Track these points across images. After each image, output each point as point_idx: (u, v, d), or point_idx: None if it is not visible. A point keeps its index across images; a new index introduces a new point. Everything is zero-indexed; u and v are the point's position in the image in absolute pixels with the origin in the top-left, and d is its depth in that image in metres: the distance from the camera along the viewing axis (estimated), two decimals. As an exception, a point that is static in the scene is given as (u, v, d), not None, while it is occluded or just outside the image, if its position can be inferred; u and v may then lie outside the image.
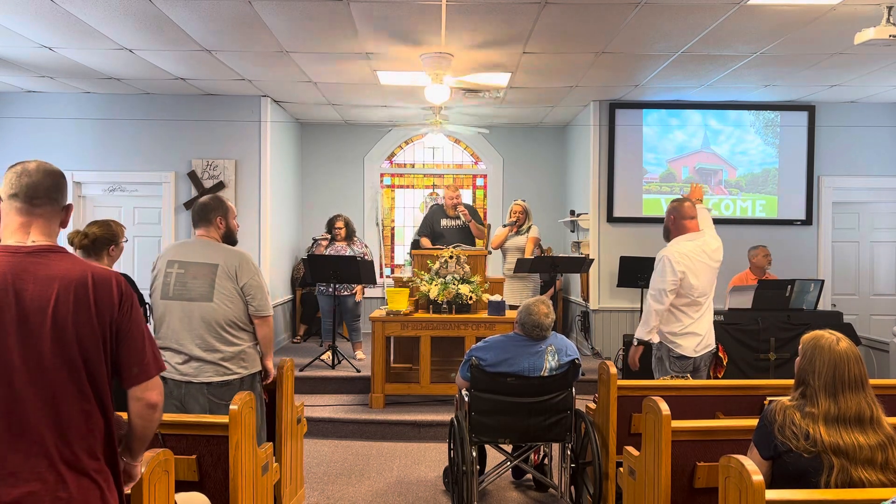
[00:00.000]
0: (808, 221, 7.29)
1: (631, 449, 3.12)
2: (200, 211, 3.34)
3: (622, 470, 3.23)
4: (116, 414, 1.83)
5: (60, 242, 1.84)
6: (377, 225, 8.88)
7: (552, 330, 3.71)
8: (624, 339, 6.38)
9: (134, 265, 7.15)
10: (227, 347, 3.20)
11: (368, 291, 8.09)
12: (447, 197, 6.68)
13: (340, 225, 6.86)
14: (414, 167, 9.13)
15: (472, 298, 5.58)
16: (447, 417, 5.17)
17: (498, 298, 5.63)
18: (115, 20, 4.61)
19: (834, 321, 5.46)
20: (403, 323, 5.52)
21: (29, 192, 1.75)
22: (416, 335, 5.55)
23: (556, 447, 4.19)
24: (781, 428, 2.21)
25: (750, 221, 7.26)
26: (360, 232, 8.53)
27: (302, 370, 6.10)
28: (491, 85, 6.38)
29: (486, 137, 8.72)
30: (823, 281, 6.27)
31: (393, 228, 9.19)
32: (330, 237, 6.86)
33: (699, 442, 2.81)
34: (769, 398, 2.53)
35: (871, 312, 7.48)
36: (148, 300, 3.39)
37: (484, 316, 5.54)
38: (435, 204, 7.94)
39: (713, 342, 4.15)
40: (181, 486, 2.64)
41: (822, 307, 6.41)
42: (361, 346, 6.84)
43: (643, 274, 6.28)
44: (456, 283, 5.58)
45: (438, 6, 4.30)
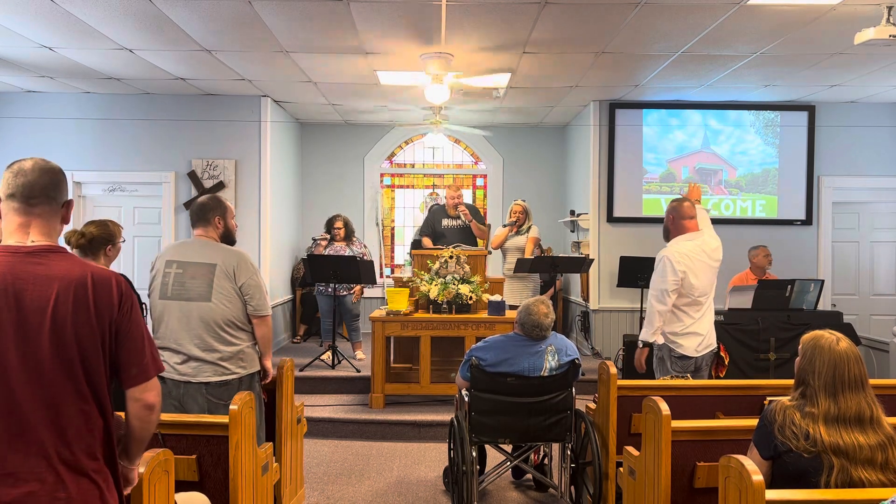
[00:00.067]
0: (808, 221, 7.29)
1: (631, 449, 3.12)
2: (199, 211, 3.34)
3: (622, 470, 3.23)
4: (116, 414, 1.82)
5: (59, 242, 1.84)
6: (377, 225, 8.88)
7: (552, 330, 3.71)
8: (624, 339, 6.37)
9: (134, 265, 7.15)
10: (225, 347, 3.20)
11: (368, 291, 8.08)
12: (448, 197, 6.67)
13: (339, 225, 6.86)
14: (414, 167, 9.13)
15: (472, 298, 5.58)
16: (447, 417, 5.17)
17: (498, 298, 5.63)
18: (115, 20, 4.61)
19: (834, 321, 5.46)
20: (403, 323, 5.52)
21: (25, 191, 1.75)
22: (416, 335, 5.55)
23: (556, 447, 4.19)
24: (781, 428, 2.21)
25: (750, 221, 7.26)
26: (360, 232, 8.53)
27: (302, 370, 6.10)
28: (491, 85, 6.38)
29: (486, 137, 8.72)
30: (823, 281, 6.27)
31: (393, 228, 9.19)
32: (329, 237, 6.86)
33: (699, 442, 2.81)
34: (769, 398, 2.53)
35: (871, 312, 7.48)
36: (145, 300, 3.39)
37: (484, 316, 5.54)
38: (435, 204, 7.94)
39: (714, 342, 4.15)
40: (181, 486, 2.64)
41: (822, 307, 6.41)
42: (361, 345, 6.84)
43: (643, 274, 6.28)
44: (456, 283, 5.58)
45: (438, 6, 4.30)
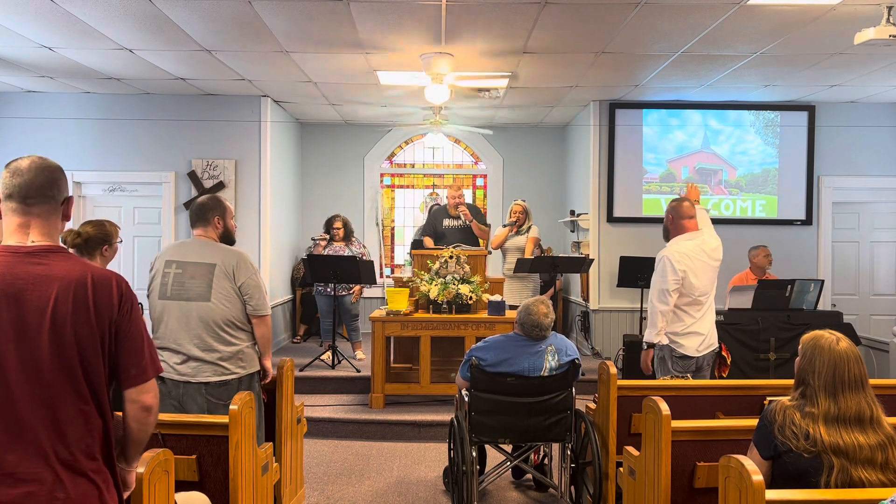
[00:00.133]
0: (808, 221, 7.29)
1: (631, 449, 3.12)
2: (198, 211, 3.34)
3: (622, 470, 3.23)
4: (115, 415, 1.82)
5: None
6: (377, 225, 8.88)
7: (552, 330, 3.71)
8: (624, 339, 6.37)
9: (134, 265, 7.15)
10: (225, 347, 3.20)
11: (368, 291, 8.08)
12: (449, 196, 6.66)
13: (339, 225, 6.86)
14: (414, 167, 9.13)
15: (472, 298, 5.58)
16: (447, 417, 5.17)
17: (498, 298, 5.63)
18: (115, 20, 4.61)
19: (834, 321, 5.46)
20: (403, 323, 5.52)
21: (22, 192, 1.74)
22: (416, 335, 5.55)
23: (556, 447, 4.19)
24: (781, 428, 2.21)
25: (750, 221, 7.26)
26: (360, 232, 8.54)
27: (302, 370, 6.10)
28: (491, 85, 6.38)
29: (486, 137, 8.72)
30: (823, 281, 6.27)
31: (393, 228, 9.19)
32: (328, 237, 6.86)
33: (699, 442, 2.81)
34: (769, 398, 2.53)
35: (871, 312, 7.48)
36: (142, 300, 3.38)
37: (484, 316, 5.54)
38: (436, 204, 7.94)
39: (716, 342, 4.14)
40: (181, 486, 2.64)
41: (822, 307, 6.41)
42: (361, 345, 6.84)
43: (643, 274, 6.28)
44: (456, 283, 5.58)
45: (438, 6, 4.30)
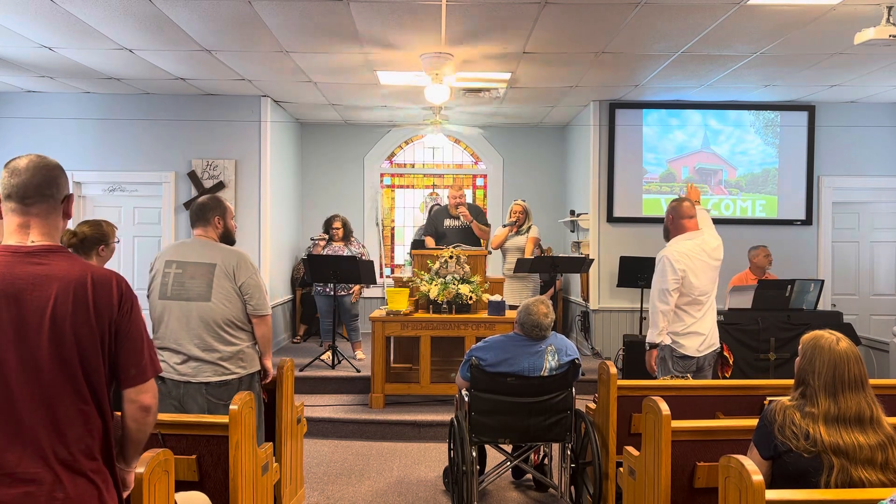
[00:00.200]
0: (808, 221, 7.29)
1: (631, 449, 3.12)
2: (198, 211, 3.34)
3: (622, 470, 3.23)
4: (115, 415, 1.82)
5: None
6: (377, 225, 8.88)
7: (552, 330, 3.71)
8: (624, 339, 6.38)
9: (134, 265, 7.15)
10: (225, 347, 3.20)
11: (368, 291, 8.08)
12: (450, 196, 6.65)
13: (338, 225, 6.85)
14: (414, 167, 9.13)
15: (472, 298, 5.58)
16: (447, 417, 5.17)
17: (498, 298, 5.63)
18: (115, 20, 4.61)
19: (834, 321, 5.46)
20: (403, 323, 5.52)
21: (20, 192, 1.74)
22: (416, 335, 5.55)
23: (556, 447, 4.19)
24: (781, 428, 2.21)
25: (750, 221, 7.26)
26: (360, 232, 8.54)
27: (302, 370, 6.10)
28: (491, 85, 6.38)
29: (486, 137, 8.72)
30: (823, 281, 6.27)
31: (393, 228, 9.19)
32: (327, 237, 6.86)
33: (699, 442, 2.81)
34: (769, 398, 2.53)
35: (871, 312, 7.48)
36: (142, 300, 3.38)
37: (484, 316, 5.54)
38: (436, 204, 7.94)
39: (717, 342, 4.14)
40: (181, 486, 2.64)
41: (822, 307, 6.41)
42: (361, 345, 6.84)
43: (643, 274, 6.29)
44: (456, 283, 5.58)
45: (438, 6, 4.30)
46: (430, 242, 6.56)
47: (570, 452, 3.79)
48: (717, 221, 4.51)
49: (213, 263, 3.21)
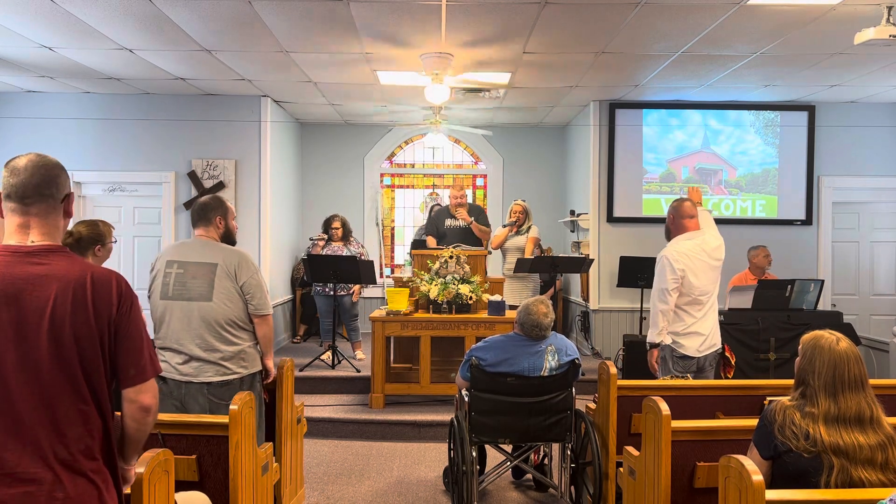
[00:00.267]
0: (808, 221, 7.29)
1: (631, 449, 3.12)
2: (200, 210, 3.34)
3: (622, 470, 3.23)
4: (115, 414, 1.82)
5: None
6: (377, 225, 8.88)
7: (552, 330, 3.71)
8: (624, 339, 6.38)
9: (134, 265, 7.16)
10: (227, 347, 3.20)
11: (368, 291, 8.08)
12: (451, 196, 6.64)
13: (337, 225, 6.85)
14: (414, 167, 9.13)
15: (472, 298, 5.58)
16: (447, 417, 5.17)
17: (498, 298, 5.63)
18: (115, 20, 4.61)
19: (834, 321, 5.46)
20: (403, 323, 5.52)
21: (19, 192, 1.74)
22: (416, 335, 5.55)
23: (556, 447, 4.19)
24: (781, 428, 2.21)
25: (750, 221, 7.26)
26: (360, 232, 8.54)
27: (302, 370, 6.10)
28: (491, 85, 6.38)
29: (486, 137, 8.72)
30: (823, 281, 6.27)
31: (393, 228, 9.19)
32: (326, 237, 6.86)
33: (699, 442, 2.81)
34: (769, 398, 2.53)
35: (871, 312, 7.48)
36: (142, 301, 3.38)
37: (484, 316, 5.54)
38: (437, 204, 7.93)
39: (719, 342, 4.13)
40: (181, 486, 2.64)
41: (822, 307, 6.41)
42: (361, 345, 6.84)
43: (643, 274, 6.29)
44: (456, 283, 5.58)
45: (438, 6, 4.30)
46: (431, 242, 6.56)
47: (570, 452, 3.79)
48: (716, 221, 4.50)
49: (214, 263, 3.21)
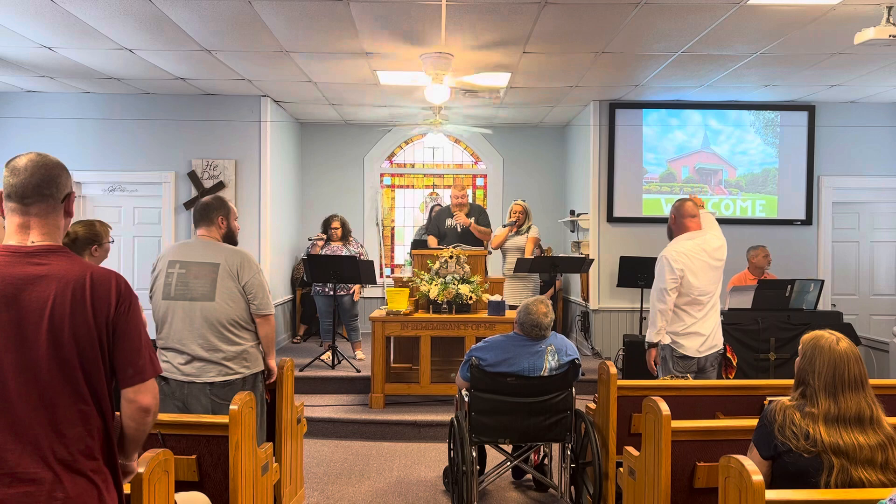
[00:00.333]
0: (808, 221, 7.29)
1: (631, 449, 3.12)
2: (202, 210, 3.34)
3: (622, 470, 3.23)
4: (116, 414, 1.82)
5: None
6: (377, 225, 8.88)
7: (552, 330, 3.71)
8: (624, 339, 6.38)
9: (134, 265, 7.16)
10: (229, 347, 3.20)
11: (368, 291, 8.09)
12: (452, 196, 6.64)
13: (337, 225, 6.85)
14: (414, 167, 9.13)
15: (472, 298, 5.58)
16: (447, 417, 5.17)
17: (498, 298, 5.63)
18: (115, 20, 4.61)
19: (834, 321, 5.46)
20: (403, 323, 5.52)
21: (19, 192, 1.74)
22: (416, 335, 5.55)
23: (556, 447, 4.19)
24: (781, 428, 2.21)
25: (750, 221, 7.26)
26: (360, 232, 8.54)
27: (302, 370, 6.10)
28: (491, 85, 6.38)
29: (486, 137, 8.72)
30: (823, 281, 6.27)
31: (393, 228, 9.19)
32: (325, 237, 6.86)
33: (699, 442, 2.81)
34: (769, 398, 2.53)
35: (871, 312, 7.48)
36: (143, 301, 3.38)
37: (484, 316, 5.54)
38: (437, 205, 7.93)
39: (720, 343, 4.12)
40: (181, 486, 2.64)
41: (822, 307, 6.41)
42: (361, 345, 6.84)
43: (643, 274, 6.29)
44: (456, 283, 5.58)
45: (438, 6, 4.30)
46: (432, 242, 6.56)
47: (570, 452, 3.79)
48: (717, 221, 4.51)
49: (216, 263, 3.21)
